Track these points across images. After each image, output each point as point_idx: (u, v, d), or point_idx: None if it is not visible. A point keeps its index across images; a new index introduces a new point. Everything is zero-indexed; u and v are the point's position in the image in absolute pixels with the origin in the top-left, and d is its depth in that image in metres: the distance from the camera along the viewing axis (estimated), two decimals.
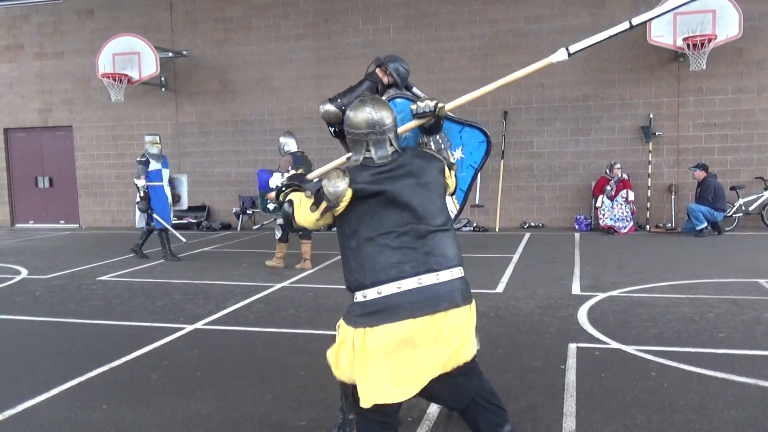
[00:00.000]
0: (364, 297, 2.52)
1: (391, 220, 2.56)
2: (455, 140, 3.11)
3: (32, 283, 8.18)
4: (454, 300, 2.55)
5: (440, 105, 2.97)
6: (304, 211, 2.70)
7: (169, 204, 9.93)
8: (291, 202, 2.78)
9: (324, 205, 2.59)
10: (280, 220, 8.70)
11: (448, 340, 2.53)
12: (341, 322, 2.62)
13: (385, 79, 3.35)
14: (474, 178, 3.16)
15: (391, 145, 2.70)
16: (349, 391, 2.72)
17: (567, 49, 3.01)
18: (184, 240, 10.55)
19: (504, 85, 3.11)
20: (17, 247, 12.05)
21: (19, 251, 11.33)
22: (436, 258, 2.56)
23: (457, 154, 3.04)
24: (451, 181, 2.87)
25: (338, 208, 2.59)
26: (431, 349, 2.50)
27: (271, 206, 8.58)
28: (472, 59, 13.09)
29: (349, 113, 2.73)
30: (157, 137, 9.92)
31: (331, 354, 2.66)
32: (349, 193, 2.57)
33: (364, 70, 3.73)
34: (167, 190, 9.86)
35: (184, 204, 10.45)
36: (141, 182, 9.55)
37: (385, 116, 2.70)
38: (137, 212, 9.84)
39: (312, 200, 2.66)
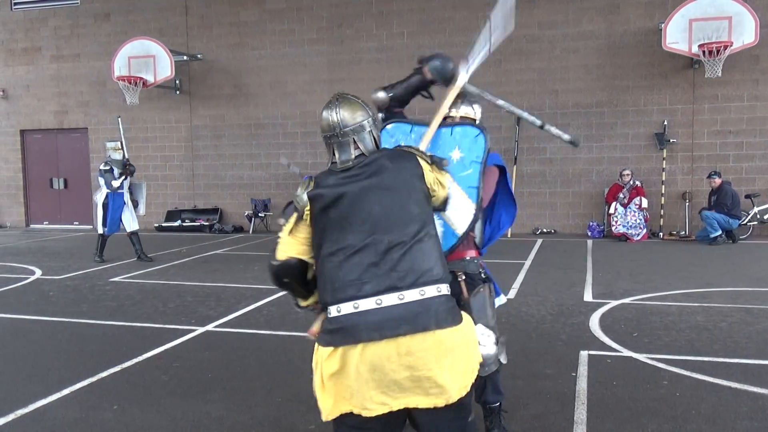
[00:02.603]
0: (329, 314, 2.28)
1: (352, 231, 2.30)
2: (449, 144, 3.01)
3: (46, 283, 8.25)
4: (420, 323, 2.19)
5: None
6: (282, 235, 2.47)
7: (130, 209, 10.00)
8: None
9: (293, 216, 2.43)
10: None
11: (418, 369, 2.18)
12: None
13: (428, 76, 3.25)
14: (484, 173, 3.02)
15: (357, 148, 2.45)
16: None
17: (466, 71, 3.06)
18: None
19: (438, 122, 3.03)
20: (31, 247, 12.16)
21: (34, 252, 11.43)
22: (400, 274, 2.23)
23: (455, 155, 2.96)
24: (442, 179, 2.53)
25: (306, 218, 2.40)
26: (395, 375, 2.18)
27: None
28: (485, 64, 12.86)
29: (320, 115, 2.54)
30: (118, 143, 10.00)
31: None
32: (306, 200, 2.40)
33: (377, 75, 3.75)
34: (127, 197, 9.95)
35: (141, 210, 10.38)
36: (117, 183, 9.70)
37: (347, 116, 2.46)
38: (99, 219, 9.92)
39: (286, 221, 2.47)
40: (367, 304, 2.21)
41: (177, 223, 14.73)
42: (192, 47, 14.79)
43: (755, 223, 11.86)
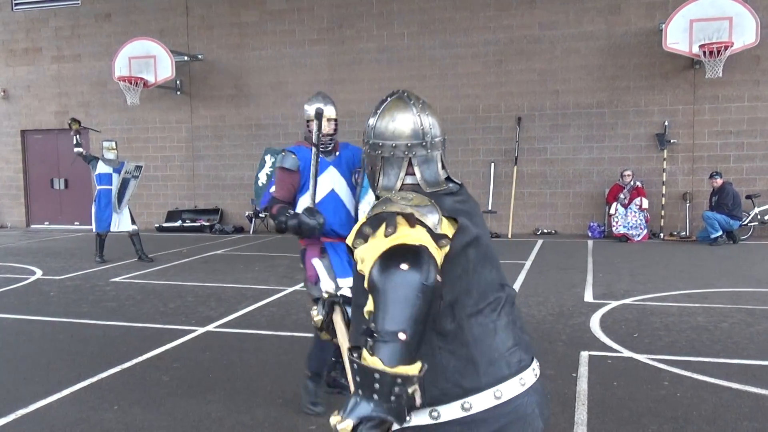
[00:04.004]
0: (467, 410, 1.52)
1: (490, 281, 1.65)
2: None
3: (46, 283, 8.25)
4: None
5: None
6: (415, 238, 1.45)
7: (121, 211, 9.87)
8: (379, 265, 1.40)
9: (422, 231, 1.49)
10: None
11: None
12: None
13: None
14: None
15: (444, 168, 1.76)
16: None
17: None
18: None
19: None
20: (32, 247, 12.17)
21: (34, 252, 11.44)
22: (528, 340, 1.72)
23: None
24: None
25: (444, 242, 1.52)
26: None
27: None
28: (486, 65, 13.07)
29: (381, 120, 1.73)
30: (114, 143, 10.02)
31: None
32: (448, 227, 1.55)
33: (377, 76, 3.81)
34: (114, 194, 9.79)
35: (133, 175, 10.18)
36: (78, 148, 9.87)
37: (437, 125, 1.76)
38: (93, 218, 9.92)
39: (397, 231, 1.47)
40: (529, 377, 1.61)
41: (177, 224, 14.72)
42: (192, 48, 14.80)
43: (756, 223, 11.85)
